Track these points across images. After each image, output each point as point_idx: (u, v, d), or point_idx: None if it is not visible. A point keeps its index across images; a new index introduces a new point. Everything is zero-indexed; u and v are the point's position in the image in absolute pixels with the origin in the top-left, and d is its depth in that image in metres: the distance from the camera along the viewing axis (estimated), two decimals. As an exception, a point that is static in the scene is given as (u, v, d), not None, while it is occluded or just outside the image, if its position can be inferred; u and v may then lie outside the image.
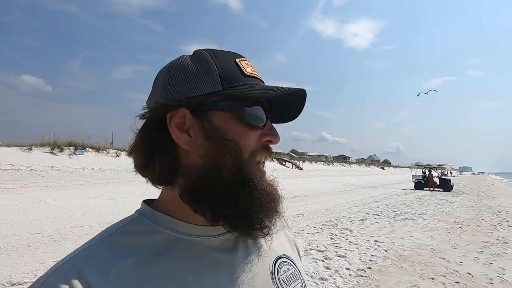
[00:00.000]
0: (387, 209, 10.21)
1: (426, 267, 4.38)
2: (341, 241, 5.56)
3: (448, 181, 20.44)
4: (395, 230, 6.86)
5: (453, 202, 13.21)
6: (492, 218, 9.12)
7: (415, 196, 15.64)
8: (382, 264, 4.42)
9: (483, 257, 5.02)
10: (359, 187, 20.53)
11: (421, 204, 12.15)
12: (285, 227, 0.62)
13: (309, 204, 10.86)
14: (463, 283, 3.84)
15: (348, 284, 3.62)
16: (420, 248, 5.38)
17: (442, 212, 10.10)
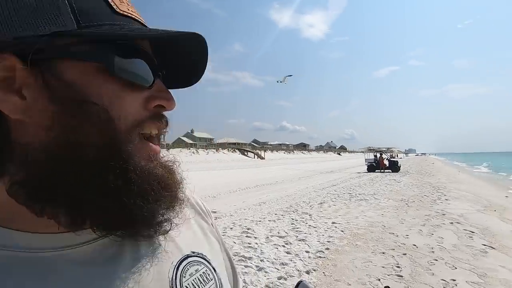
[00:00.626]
0: (343, 191, 10.79)
1: (378, 243, 4.69)
2: (301, 226, 5.72)
3: (396, 163, 22.30)
4: (351, 211, 7.26)
5: (400, 182, 14.43)
6: (432, 194, 10.14)
7: (368, 178, 16.78)
8: (339, 244, 4.63)
9: (426, 229, 5.53)
10: (318, 173, 21.46)
11: (373, 185, 13.06)
12: (197, 215, 0.51)
13: (270, 192, 11.04)
14: (409, 254, 4.18)
15: (307, 266, 3.72)
16: (372, 226, 5.76)
17: (391, 191, 10.96)
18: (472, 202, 8.80)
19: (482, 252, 4.30)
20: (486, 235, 5.17)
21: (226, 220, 6.35)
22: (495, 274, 3.51)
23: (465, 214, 6.90)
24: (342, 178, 16.76)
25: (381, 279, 3.35)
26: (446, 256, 4.09)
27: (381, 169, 22.32)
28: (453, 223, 5.94)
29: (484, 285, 3.24)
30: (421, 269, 3.65)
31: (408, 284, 3.24)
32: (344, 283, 3.28)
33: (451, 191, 10.87)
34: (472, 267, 3.72)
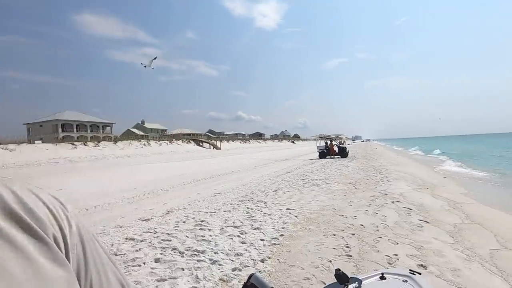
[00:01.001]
0: (297, 178, 11.12)
1: (329, 226, 4.88)
2: (256, 214, 5.70)
3: (345, 149, 23.75)
4: (304, 196, 7.48)
5: (349, 166, 15.39)
6: (376, 176, 10.98)
7: (319, 164, 17.60)
8: (293, 230, 4.70)
9: (371, 209, 5.93)
10: (273, 161, 21.88)
11: (324, 170, 13.71)
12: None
13: (226, 182, 10.90)
14: (357, 234, 4.42)
15: (262, 254, 3.69)
16: (324, 210, 5.99)
17: (341, 175, 11.61)
18: (409, 182, 9.74)
19: (418, 226, 4.73)
20: (421, 211, 5.72)
21: (179, 213, 6.05)
22: (429, 246, 3.87)
23: (404, 193, 7.58)
24: (296, 165, 17.31)
25: (332, 261, 3.46)
26: (389, 233, 4.41)
27: (332, 155, 23.61)
28: (394, 202, 6.47)
29: (421, 256, 3.54)
30: (367, 247, 3.86)
31: (356, 263, 3.40)
32: (298, 268, 3.31)
33: (392, 173, 11.90)
34: (411, 241, 4.05)
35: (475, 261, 3.44)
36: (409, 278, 2.67)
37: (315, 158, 23.03)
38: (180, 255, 3.71)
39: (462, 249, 3.82)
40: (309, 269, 3.26)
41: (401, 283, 2.62)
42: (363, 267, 3.24)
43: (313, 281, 2.99)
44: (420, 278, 2.61)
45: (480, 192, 9.03)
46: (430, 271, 3.11)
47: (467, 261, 3.43)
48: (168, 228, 4.92)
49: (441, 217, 5.36)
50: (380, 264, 3.29)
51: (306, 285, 2.89)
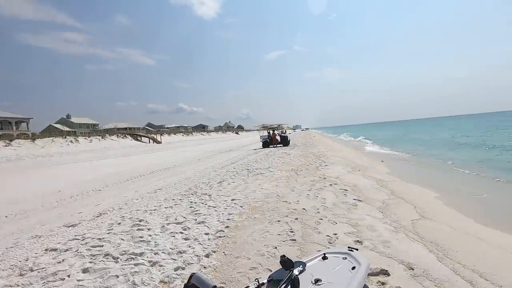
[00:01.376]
0: (242, 168, 11.13)
1: (274, 212, 4.95)
2: (200, 208, 5.48)
3: (286, 138, 24.69)
4: (249, 185, 7.49)
5: (290, 154, 16.02)
6: (315, 162, 11.63)
7: (263, 153, 17.95)
8: (238, 220, 4.63)
9: (312, 193, 6.22)
10: (218, 153, 21.60)
11: (268, 159, 14.02)
12: None
13: (168, 177, 10.33)
14: (300, 218, 4.56)
15: (207, 249, 3.53)
16: (268, 197, 6.07)
17: (283, 163, 12.00)
18: (344, 165, 10.55)
19: (353, 205, 5.11)
20: (355, 191, 6.22)
21: (113, 215, 5.48)
22: (363, 222, 4.20)
23: (340, 176, 8.16)
24: (240, 156, 17.36)
25: (278, 247, 3.49)
26: (329, 214, 4.66)
27: (274, 144, 24.34)
28: (332, 185, 6.90)
29: (357, 233, 3.81)
30: (310, 230, 4.00)
31: (300, 246, 3.48)
32: (244, 258, 3.25)
33: (329, 158, 12.76)
34: (348, 220, 4.34)
35: (400, 232, 3.84)
36: (348, 255, 2.79)
37: (258, 148, 23.45)
38: (114, 261, 3.32)
39: (390, 222, 4.24)
40: (256, 258, 3.23)
41: (341, 260, 2.72)
42: (306, 250, 3.33)
43: (259, 269, 2.96)
44: (357, 254, 2.75)
45: (400, 170, 10.28)
46: (365, 246, 3.35)
47: (394, 232, 3.81)
48: (100, 233, 4.39)
49: (372, 195, 5.90)
50: (322, 245, 3.43)
51: (253, 275, 2.84)
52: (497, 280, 2.59)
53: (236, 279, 2.82)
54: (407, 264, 2.87)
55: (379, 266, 2.80)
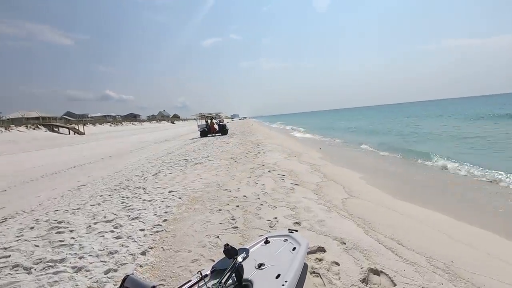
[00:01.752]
0: (179, 158, 10.66)
1: (214, 202, 4.85)
2: (134, 203, 5.05)
3: (225, 126, 24.56)
4: (187, 176, 7.21)
5: (229, 143, 16.00)
6: (254, 149, 11.83)
7: (201, 143, 17.53)
8: (177, 212, 4.41)
9: (252, 180, 6.30)
10: (152, 143, 20.28)
11: (207, 148, 13.74)
12: None
13: (94, 171, 9.27)
14: (241, 205, 4.57)
15: (143, 246, 3.26)
16: (208, 187, 5.93)
17: (222, 151, 11.90)
18: (281, 152, 10.98)
19: (291, 190, 5.35)
20: (292, 176, 6.52)
21: (23, 218, 4.65)
22: (300, 205, 4.43)
23: (277, 162, 8.46)
24: (177, 146, 16.62)
25: (220, 236, 3.43)
26: (268, 199, 4.78)
27: (213, 134, 23.99)
28: (270, 171, 7.11)
29: (295, 215, 3.99)
30: (251, 216, 4.04)
31: (242, 233, 3.48)
32: (185, 252, 3.10)
33: (266, 146, 13.13)
34: (286, 203, 4.52)
35: (333, 210, 4.16)
36: (288, 237, 2.88)
37: (196, 137, 22.82)
38: (26, 272, 2.81)
39: (323, 202, 4.56)
40: (197, 250, 3.11)
41: (282, 243, 2.80)
42: (249, 236, 3.35)
43: (201, 261, 2.86)
44: (297, 235, 2.86)
45: (330, 155, 11.21)
46: (304, 226, 3.53)
47: (328, 211, 4.11)
48: (6, 241, 3.68)
49: (307, 179, 6.27)
50: (264, 230, 3.49)
51: (195, 268, 2.73)
52: (410, 245, 3.01)
53: (177, 274, 2.67)
54: (340, 240, 3.12)
55: (316, 244, 2.98)
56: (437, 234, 3.37)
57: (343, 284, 2.33)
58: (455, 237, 3.28)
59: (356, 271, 2.49)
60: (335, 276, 2.45)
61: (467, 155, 9.43)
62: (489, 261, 2.72)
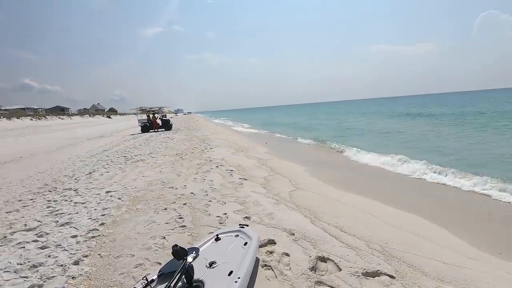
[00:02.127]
0: (117, 155, 9.79)
1: (159, 200, 4.56)
2: (63, 206, 4.45)
3: (168, 121, 23.40)
4: (128, 174, 6.65)
5: (174, 138, 15.30)
6: (200, 145, 11.52)
7: (143, 138, 16.41)
8: (117, 214, 4.02)
9: (199, 176, 6.10)
10: (84, 139, 18.26)
11: (149, 144, 12.92)
12: None
13: (11, 172, 7.93)
14: (189, 202, 4.38)
15: (75, 255, 2.88)
16: (152, 185, 5.56)
17: (167, 148, 11.32)
18: (228, 147, 10.90)
19: (239, 184, 5.33)
20: (240, 171, 6.51)
21: None
22: (249, 199, 4.43)
23: (225, 157, 8.37)
24: (115, 142, 15.27)
25: (167, 236, 3.22)
26: (217, 195, 4.68)
27: (155, 129, 22.67)
28: (218, 166, 6.99)
29: (245, 209, 3.97)
30: (200, 213, 3.90)
31: (191, 231, 3.33)
32: (127, 257, 2.83)
33: (213, 141, 12.90)
34: (235, 198, 4.48)
35: (281, 203, 4.26)
36: (239, 232, 2.84)
37: (137, 133, 21.28)
38: None
39: (272, 195, 4.65)
40: (141, 253, 2.87)
41: (233, 238, 2.74)
42: (198, 234, 3.21)
43: (147, 265, 2.64)
44: (248, 229, 2.83)
45: (275, 149, 11.55)
46: (253, 220, 3.54)
47: (276, 204, 4.19)
48: None
49: (255, 173, 6.33)
50: (213, 227, 3.40)
51: (139, 273, 2.51)
52: (352, 231, 3.25)
53: (118, 282, 2.42)
54: (289, 231, 3.20)
55: (267, 237, 3.01)
56: (373, 219, 3.71)
57: (293, 274, 2.39)
58: (387, 220, 3.65)
59: (305, 260, 2.57)
60: (286, 267, 2.50)
61: (385, 147, 10.65)
62: (416, 240, 3.08)
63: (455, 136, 12.62)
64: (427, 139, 12.52)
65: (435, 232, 3.45)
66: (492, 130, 13.66)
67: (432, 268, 2.49)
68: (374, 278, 2.34)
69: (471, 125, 16.08)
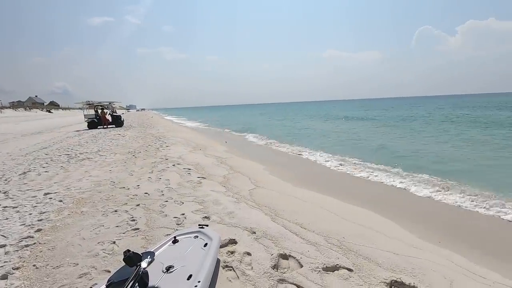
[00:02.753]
0: (59, 153, 8.81)
1: (109, 202, 4.17)
2: (-12, 211, 3.82)
3: (119, 117, 21.85)
4: (71, 174, 6.00)
5: (125, 135, 14.32)
6: (155, 143, 10.94)
7: (89, 135, 15.06)
8: (57, 219, 3.57)
9: (154, 175, 5.75)
10: (18, 136, 16.14)
11: (97, 142, 11.89)
12: None
13: None
14: (142, 203, 4.08)
15: (3, 267, 2.47)
16: (100, 185, 5.08)
17: (117, 145, 10.52)
18: (185, 145, 10.52)
19: (198, 183, 5.14)
20: (199, 169, 6.30)
21: None
22: (209, 198, 4.28)
23: (182, 155, 8.04)
24: (57, 139, 13.75)
25: (117, 241, 2.94)
26: (174, 195, 4.44)
27: (104, 125, 20.99)
28: (175, 165, 6.68)
29: (204, 209, 3.82)
30: (155, 214, 3.65)
31: (145, 234, 3.09)
32: (70, 266, 2.51)
33: (169, 139, 12.35)
34: (194, 198, 4.29)
35: (241, 201, 4.19)
36: (199, 233, 2.69)
37: (83, 129, 19.47)
38: None
39: (232, 194, 4.55)
40: (87, 262, 2.56)
41: (193, 240, 2.59)
42: (153, 237, 2.99)
43: (93, 274, 2.36)
44: (208, 230, 2.69)
45: (234, 147, 11.46)
46: (213, 220, 3.41)
47: (237, 203, 4.11)
48: None
49: (214, 171, 6.17)
50: (170, 228, 3.19)
51: (83, 284, 2.23)
52: (311, 227, 3.31)
53: (58, 296, 2.12)
54: (250, 229, 3.14)
55: (228, 237, 2.91)
56: (330, 215, 3.83)
57: (255, 274, 2.34)
58: (342, 216, 3.80)
59: (267, 259, 2.54)
60: (248, 267, 2.43)
61: (331, 147, 11.28)
62: (369, 233, 3.25)
63: (394, 136, 13.88)
64: (370, 139, 13.54)
65: (384, 225, 3.68)
66: (413, 131, 15.42)
67: (385, 259, 2.63)
68: (334, 272, 2.40)
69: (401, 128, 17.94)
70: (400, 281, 2.27)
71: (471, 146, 10.42)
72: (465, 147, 10.18)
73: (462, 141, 11.53)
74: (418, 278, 2.34)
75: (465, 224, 3.95)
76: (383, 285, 2.24)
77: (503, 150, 9.29)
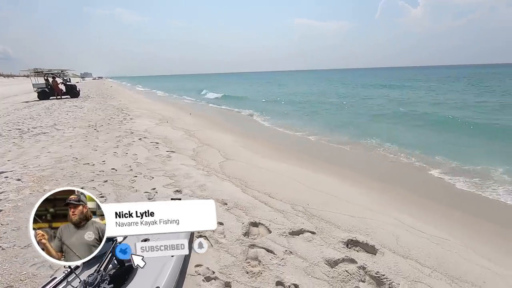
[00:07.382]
0: (8, 128, 8.07)
1: (73, 179, 4.04)
2: None
3: (75, 87, 20.14)
4: (26, 151, 5.60)
5: (83, 107, 13.37)
6: (118, 115, 10.41)
7: (42, 107, 13.81)
8: (18, 198, 3.41)
9: (120, 150, 5.58)
10: (-46, 108, 14.29)
11: (51, 114, 11.00)
12: None
13: None
14: (110, 179, 4.01)
15: (-35, 251, 2.38)
16: (61, 162, 4.84)
17: (76, 118, 9.85)
18: (151, 117, 10.16)
19: (167, 157, 5.11)
20: (167, 143, 6.21)
21: None
22: (179, 172, 4.32)
23: (148, 129, 7.81)
24: (3, 111, 12.45)
25: (87, 218, 2.92)
26: (143, 170, 4.40)
27: (58, 96, 19.25)
28: (141, 139, 6.50)
29: (175, 183, 3.87)
30: (125, 190, 3.63)
31: (116, 210, 3.10)
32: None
33: (133, 111, 11.80)
34: (164, 172, 4.31)
35: (212, 174, 4.30)
36: None
37: (32, 100, 17.73)
38: None
39: (202, 167, 4.62)
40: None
41: None
42: (125, 212, 3.01)
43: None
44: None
45: (201, 118, 11.31)
46: (185, 193, 3.50)
47: (207, 176, 4.21)
48: None
49: (183, 145, 6.14)
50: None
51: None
52: (279, 196, 3.54)
53: (31, 274, 2.13)
54: (222, 201, 3.29)
55: (200, 209, 3.03)
56: (296, 184, 4.09)
57: (228, 241, 2.51)
58: (308, 184, 4.09)
59: (238, 227, 2.72)
60: (221, 236, 2.60)
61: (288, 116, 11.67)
62: (332, 200, 3.57)
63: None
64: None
65: (348, 192, 4.03)
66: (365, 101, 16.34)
67: (343, 222, 2.95)
68: (299, 236, 2.66)
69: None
70: (355, 239, 2.59)
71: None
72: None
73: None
74: (370, 236, 2.68)
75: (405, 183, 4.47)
76: (341, 244, 2.54)
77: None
